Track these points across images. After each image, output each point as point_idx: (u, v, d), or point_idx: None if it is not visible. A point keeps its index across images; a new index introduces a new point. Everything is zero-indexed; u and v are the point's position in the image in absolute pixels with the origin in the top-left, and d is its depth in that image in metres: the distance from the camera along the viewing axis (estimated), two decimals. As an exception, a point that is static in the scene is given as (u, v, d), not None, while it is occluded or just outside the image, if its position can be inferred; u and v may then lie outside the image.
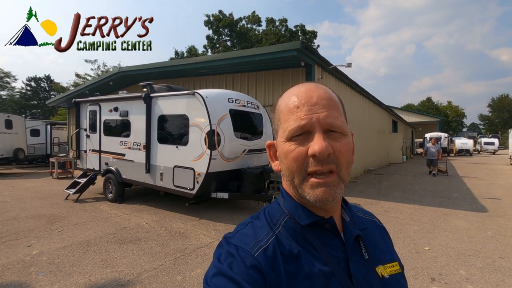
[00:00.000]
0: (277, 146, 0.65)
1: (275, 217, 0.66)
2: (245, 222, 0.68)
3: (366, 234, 0.69)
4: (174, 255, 4.08)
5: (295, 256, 0.59)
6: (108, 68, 31.15)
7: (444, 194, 8.61)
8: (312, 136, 0.58)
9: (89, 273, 3.54)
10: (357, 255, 0.64)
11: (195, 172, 5.67)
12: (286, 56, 7.57)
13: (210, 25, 34.98)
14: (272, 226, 0.64)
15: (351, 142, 0.62)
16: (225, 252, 0.60)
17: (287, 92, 0.66)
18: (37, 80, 42.79)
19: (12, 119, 14.00)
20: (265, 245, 0.60)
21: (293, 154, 0.58)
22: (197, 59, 10.09)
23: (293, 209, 0.65)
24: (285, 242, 0.61)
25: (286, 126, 0.60)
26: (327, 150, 0.56)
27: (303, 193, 0.59)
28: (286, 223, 0.64)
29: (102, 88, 13.24)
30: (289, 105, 0.62)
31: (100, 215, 6.18)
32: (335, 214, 0.66)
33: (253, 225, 0.66)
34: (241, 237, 0.63)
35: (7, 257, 4.01)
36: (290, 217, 0.64)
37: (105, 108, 7.71)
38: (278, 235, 0.62)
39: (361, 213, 0.78)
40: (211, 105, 5.59)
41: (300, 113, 0.59)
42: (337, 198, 0.59)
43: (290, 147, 0.59)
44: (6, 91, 39.51)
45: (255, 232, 0.63)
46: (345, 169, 0.60)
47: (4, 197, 7.93)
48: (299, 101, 0.60)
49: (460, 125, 61.18)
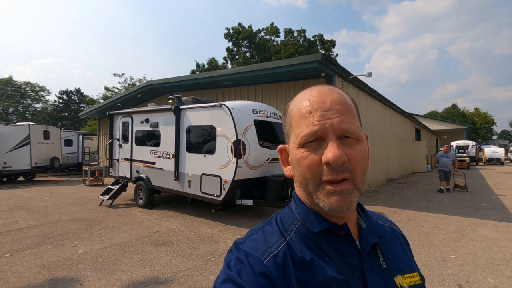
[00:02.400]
0: (289, 151, 0.64)
1: (287, 223, 0.65)
2: (256, 227, 0.68)
3: (384, 242, 0.67)
4: (205, 257, 4.35)
5: (307, 263, 0.58)
6: (134, 81, 32.75)
7: (471, 204, 8.38)
8: (325, 143, 0.57)
9: (130, 271, 3.87)
10: (374, 264, 0.62)
11: (222, 180, 5.97)
12: (307, 67, 7.82)
13: (230, 38, 36.05)
14: (283, 233, 0.63)
15: (366, 147, 0.61)
16: (235, 258, 0.59)
17: (298, 95, 0.65)
18: (69, 93, 45.61)
19: (49, 130, 15.09)
20: (275, 252, 0.59)
21: (307, 162, 0.58)
22: (220, 72, 10.57)
23: (305, 216, 0.64)
24: (297, 249, 0.60)
25: (298, 132, 0.59)
26: (341, 158, 0.54)
27: (317, 200, 0.58)
28: (298, 229, 0.63)
29: (131, 100, 14.05)
30: (301, 110, 0.60)
31: (133, 219, 6.60)
32: (350, 221, 0.64)
33: (264, 231, 0.65)
34: (251, 243, 0.62)
35: (57, 255, 4.44)
36: (302, 223, 0.64)
37: (137, 119, 8.26)
38: (289, 241, 0.61)
39: (380, 219, 0.75)
40: (237, 116, 5.92)
41: (312, 118, 0.58)
42: (352, 206, 0.57)
43: (303, 154, 0.58)
44: (41, 104, 42.49)
45: (266, 238, 0.62)
46: (360, 176, 0.59)
47: (46, 202, 8.61)
48: (312, 106, 0.59)
49: (490, 133, 58.16)
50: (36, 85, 41.28)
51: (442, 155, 10.57)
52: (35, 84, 41.02)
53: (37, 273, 3.82)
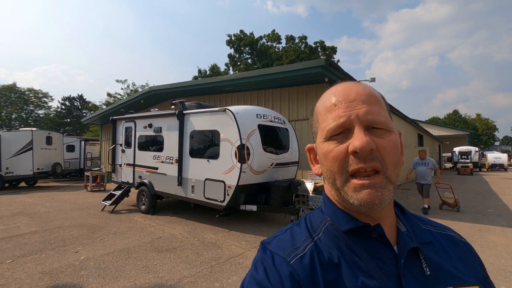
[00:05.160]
0: (317, 148, 0.62)
1: (316, 223, 0.63)
2: (285, 228, 0.67)
3: (431, 248, 0.61)
4: (209, 264, 4.26)
5: (335, 265, 0.55)
6: (136, 87, 32.91)
7: (478, 210, 8.26)
8: (352, 134, 0.55)
9: (133, 278, 3.80)
10: (415, 270, 0.56)
11: (226, 185, 5.91)
12: (311, 73, 7.82)
13: (231, 44, 36.32)
14: (311, 233, 0.61)
15: (397, 139, 0.57)
16: (261, 258, 0.58)
17: (324, 93, 0.64)
18: (71, 99, 45.89)
19: (52, 136, 15.11)
20: (301, 253, 0.57)
21: (333, 154, 0.56)
22: (223, 78, 10.59)
23: (333, 214, 0.61)
24: (325, 250, 0.57)
25: (324, 125, 0.58)
26: (369, 145, 0.52)
27: (346, 196, 0.55)
28: (327, 229, 0.60)
29: (133, 106, 14.06)
30: (326, 104, 0.59)
31: (135, 225, 6.52)
32: (384, 222, 0.59)
33: (292, 231, 0.63)
34: (278, 243, 0.61)
35: (59, 261, 4.37)
36: (331, 223, 0.61)
37: (140, 124, 8.25)
38: (317, 242, 0.59)
39: (430, 225, 0.68)
40: (241, 120, 5.89)
41: (338, 111, 0.57)
42: (385, 202, 0.53)
43: (329, 146, 0.56)
44: (43, 110, 42.73)
45: (293, 239, 0.61)
46: (392, 168, 0.55)
47: (47, 208, 8.55)
48: (337, 98, 0.58)
49: (492, 139, 57.99)
50: (39, 92, 41.57)
51: (418, 163, 8.10)
52: (38, 90, 41.33)
53: (39, 279, 3.75)
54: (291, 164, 7.13)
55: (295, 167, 7.36)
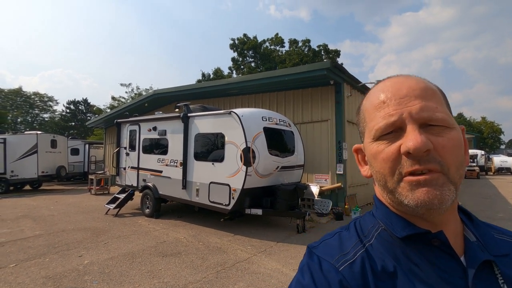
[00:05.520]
0: (365, 149, 0.58)
1: (367, 228, 0.58)
2: (332, 232, 0.62)
3: (508, 262, 0.52)
4: (215, 269, 4.18)
5: (390, 274, 0.50)
6: (140, 91, 33.11)
7: (487, 214, 8.09)
8: (404, 132, 0.49)
9: (138, 283, 3.72)
10: (488, 286, 0.48)
11: (231, 188, 5.84)
12: (316, 75, 7.76)
13: (235, 48, 36.44)
14: (362, 238, 0.56)
15: (460, 136, 0.51)
16: (308, 263, 0.55)
17: (371, 90, 0.59)
18: (76, 103, 46.22)
19: (57, 139, 15.16)
20: (351, 260, 0.53)
21: (383, 155, 0.50)
22: (228, 80, 10.58)
23: (387, 219, 0.55)
24: (377, 257, 0.52)
25: (373, 125, 0.53)
26: (425, 145, 0.46)
27: (400, 197, 0.49)
28: (380, 235, 0.55)
29: (138, 109, 14.09)
30: (374, 101, 0.55)
31: (140, 229, 6.46)
32: (447, 229, 0.52)
33: (340, 236, 0.59)
34: (325, 247, 0.57)
35: (63, 265, 4.31)
36: (384, 229, 0.55)
37: (144, 127, 8.23)
38: (368, 248, 0.54)
39: (505, 235, 0.59)
40: (246, 123, 5.83)
41: (387, 108, 0.51)
42: (445, 203, 0.46)
43: (379, 147, 0.52)
44: (49, 114, 43.13)
45: (341, 244, 0.57)
46: (455, 169, 0.48)
47: (51, 211, 8.52)
48: (386, 95, 0.53)
49: (497, 142, 57.35)
50: (44, 95, 42.02)
51: None
52: (43, 94, 41.78)
53: (43, 284, 3.69)
54: (296, 167, 7.04)
55: (301, 170, 7.27)
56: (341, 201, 8.04)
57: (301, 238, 5.77)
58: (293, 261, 4.51)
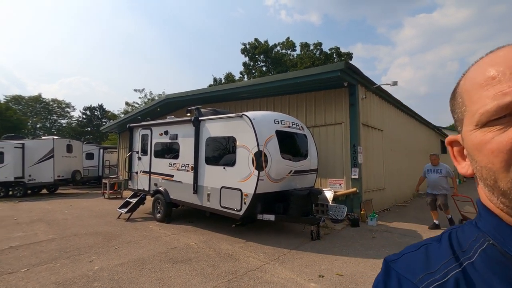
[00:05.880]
0: (463, 140, 0.47)
1: (467, 242, 0.46)
2: (418, 243, 0.52)
3: None
4: (226, 277, 4.02)
5: None
6: (153, 96, 33.66)
7: None
8: None
9: (147, 291, 3.61)
10: None
11: (243, 193, 5.69)
12: (329, 77, 7.56)
13: (246, 53, 36.56)
14: (458, 254, 0.46)
15: None
16: (384, 282, 0.48)
17: (473, 65, 0.47)
18: (92, 109, 47.50)
19: (72, 144, 15.50)
20: (441, 280, 0.43)
21: (492, 145, 0.40)
22: (240, 84, 10.51)
23: (496, 231, 0.44)
24: (480, 279, 0.42)
25: (477, 107, 0.43)
26: None
27: None
28: (485, 252, 0.43)
29: (150, 114, 14.24)
30: (479, 79, 0.44)
31: (151, 234, 6.39)
32: None
33: (427, 249, 0.49)
34: (407, 262, 0.48)
35: (73, 271, 4.26)
36: (492, 244, 0.44)
37: (156, 132, 8.22)
38: (467, 267, 0.43)
39: None
40: (258, 126, 5.69)
41: (499, 85, 0.40)
42: None
43: (485, 136, 0.41)
44: (66, 120, 44.47)
45: (428, 259, 0.47)
46: None
47: (65, 215, 8.61)
48: (497, 68, 0.41)
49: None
50: (62, 102, 43.41)
51: (429, 170, 6.78)
52: (61, 101, 43.18)
53: (52, 290, 3.63)
54: (310, 171, 6.83)
55: (314, 174, 7.05)
56: (356, 207, 7.74)
57: (315, 245, 5.54)
58: (307, 270, 4.30)
